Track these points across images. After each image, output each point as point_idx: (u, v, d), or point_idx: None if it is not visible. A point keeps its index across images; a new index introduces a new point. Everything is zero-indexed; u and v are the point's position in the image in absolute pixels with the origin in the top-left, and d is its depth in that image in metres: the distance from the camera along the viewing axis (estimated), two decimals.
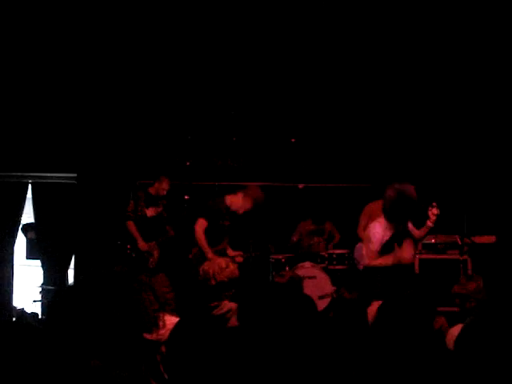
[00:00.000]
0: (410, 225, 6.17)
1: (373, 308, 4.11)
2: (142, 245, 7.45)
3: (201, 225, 6.75)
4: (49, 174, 9.03)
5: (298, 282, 4.53)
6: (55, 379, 2.97)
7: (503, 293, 5.27)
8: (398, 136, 9.00)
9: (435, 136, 8.89)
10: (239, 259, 6.99)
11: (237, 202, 6.88)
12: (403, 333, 3.69)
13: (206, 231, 6.76)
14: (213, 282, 4.48)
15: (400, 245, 5.99)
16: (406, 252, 5.86)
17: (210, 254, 6.61)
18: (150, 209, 7.60)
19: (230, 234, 7.12)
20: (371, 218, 7.18)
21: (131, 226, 7.50)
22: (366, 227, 7.29)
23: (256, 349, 3.36)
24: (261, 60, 8.68)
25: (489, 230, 8.07)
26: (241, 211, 6.89)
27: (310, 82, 8.87)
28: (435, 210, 6.01)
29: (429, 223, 6.04)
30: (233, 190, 7.08)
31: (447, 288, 7.36)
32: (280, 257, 8.23)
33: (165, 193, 7.63)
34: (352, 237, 8.20)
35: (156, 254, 7.59)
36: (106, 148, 8.91)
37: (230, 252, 7.03)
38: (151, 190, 7.62)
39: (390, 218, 5.74)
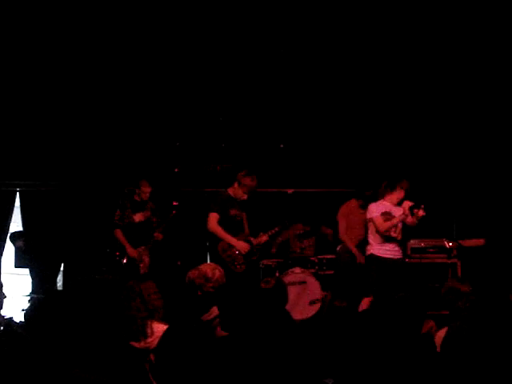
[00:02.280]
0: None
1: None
2: (130, 251, 7.46)
3: (212, 218, 6.78)
4: (37, 182, 8.98)
5: (284, 287, 4.53)
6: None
7: (491, 295, 5.29)
8: (387, 141, 9.02)
9: (423, 141, 8.91)
10: (264, 238, 7.10)
11: (237, 191, 6.95)
12: (393, 335, 3.69)
13: (220, 224, 6.80)
14: (199, 293, 4.47)
15: None
16: None
17: (232, 241, 6.73)
18: (138, 214, 7.60)
19: (247, 222, 7.15)
20: (349, 218, 7.46)
21: (119, 233, 7.52)
22: (346, 228, 7.52)
23: (245, 356, 3.35)
24: (249, 66, 8.67)
25: (477, 233, 8.09)
26: (244, 197, 6.95)
27: (299, 87, 8.87)
28: (421, 212, 6.21)
29: (410, 218, 6.32)
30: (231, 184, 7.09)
31: (436, 292, 7.41)
32: (270, 262, 8.22)
33: (147, 196, 7.62)
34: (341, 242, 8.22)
35: (146, 259, 7.58)
36: (94, 155, 8.87)
37: (253, 240, 7.06)
38: (136, 197, 7.63)
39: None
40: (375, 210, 6.74)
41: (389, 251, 6.64)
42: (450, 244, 7.88)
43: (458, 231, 8.19)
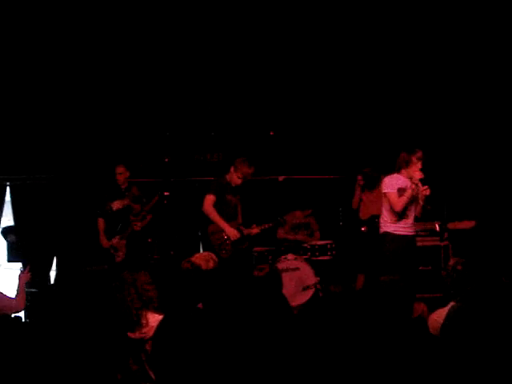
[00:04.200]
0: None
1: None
2: (103, 242, 7.46)
3: (208, 200, 6.85)
4: (27, 176, 8.95)
5: (277, 275, 4.55)
6: (39, 377, 2.97)
7: (484, 278, 5.32)
8: (376, 126, 9.03)
9: (413, 125, 8.92)
10: (255, 231, 7.20)
11: (232, 176, 7.01)
12: (384, 318, 3.72)
13: (216, 207, 6.86)
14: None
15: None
16: None
17: (224, 225, 6.78)
18: (115, 202, 7.55)
19: (241, 210, 7.23)
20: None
21: (99, 222, 7.58)
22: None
23: (242, 344, 3.37)
24: (237, 54, 8.65)
25: (468, 215, 8.13)
26: (238, 182, 7.00)
27: (288, 75, 8.86)
28: (425, 191, 6.10)
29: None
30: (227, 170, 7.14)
31: (428, 275, 7.45)
32: (263, 250, 8.24)
33: (122, 179, 7.56)
34: (332, 228, 8.25)
35: (122, 249, 7.51)
36: (84, 147, 8.85)
37: (244, 229, 7.12)
38: (115, 184, 7.59)
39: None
40: (390, 184, 6.24)
41: (403, 228, 6.26)
42: (442, 227, 7.90)
43: (449, 213, 8.21)
